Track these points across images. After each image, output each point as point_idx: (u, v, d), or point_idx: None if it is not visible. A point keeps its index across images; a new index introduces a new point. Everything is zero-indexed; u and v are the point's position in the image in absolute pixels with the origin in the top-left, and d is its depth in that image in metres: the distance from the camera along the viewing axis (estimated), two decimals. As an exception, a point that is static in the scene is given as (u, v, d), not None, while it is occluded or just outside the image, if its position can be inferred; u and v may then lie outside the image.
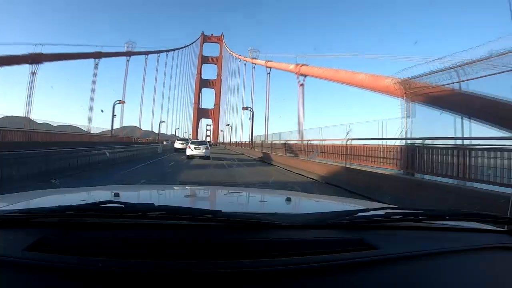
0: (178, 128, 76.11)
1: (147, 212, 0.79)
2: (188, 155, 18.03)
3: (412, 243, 0.87)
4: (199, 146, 18.53)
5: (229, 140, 57.80)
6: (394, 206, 1.21)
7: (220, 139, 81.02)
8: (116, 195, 1.26)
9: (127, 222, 0.81)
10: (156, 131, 56.00)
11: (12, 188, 2.58)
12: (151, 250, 0.72)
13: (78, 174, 9.55)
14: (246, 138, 41.12)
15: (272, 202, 1.56)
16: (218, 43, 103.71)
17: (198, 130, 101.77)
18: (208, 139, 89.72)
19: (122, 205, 0.82)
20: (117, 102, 35.89)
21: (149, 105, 66.86)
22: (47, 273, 0.63)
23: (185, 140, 30.11)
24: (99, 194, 1.49)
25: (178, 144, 29.07)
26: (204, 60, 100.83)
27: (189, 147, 18.67)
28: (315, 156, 12.80)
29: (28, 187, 3.18)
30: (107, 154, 12.92)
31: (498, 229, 1.03)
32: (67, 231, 0.79)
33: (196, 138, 61.14)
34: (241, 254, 0.72)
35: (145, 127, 60.93)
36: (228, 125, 52.29)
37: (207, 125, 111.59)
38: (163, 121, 55.56)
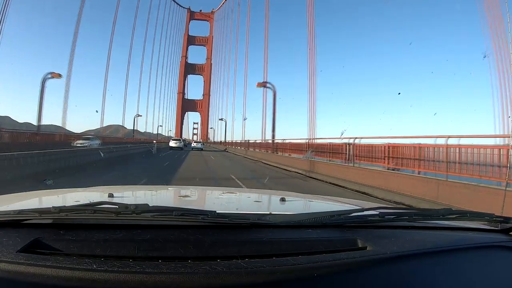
0: (161, 125, 72.63)
1: (141, 213, 0.83)
2: (192, 147, 37.90)
3: (406, 242, 0.90)
4: (198, 143, 40.37)
5: (225, 139, 51.33)
6: (388, 206, 1.52)
7: (214, 138, 63.20)
8: (110, 195, 1.31)
9: (122, 223, 0.86)
10: (141, 130, 58.87)
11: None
12: (145, 251, 0.76)
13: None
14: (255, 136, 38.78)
15: (266, 202, 1.67)
16: (207, 21, 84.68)
17: (184, 126, 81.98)
18: (195, 137, 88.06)
19: (117, 206, 0.86)
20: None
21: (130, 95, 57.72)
22: (41, 275, 0.66)
23: (178, 140, 38.48)
24: (93, 195, 1.61)
25: (172, 143, 36.30)
26: (191, 41, 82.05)
27: (193, 143, 41.43)
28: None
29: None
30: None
31: (492, 228, 1.10)
32: (61, 232, 0.82)
33: (181, 137, 66.42)
34: (236, 254, 0.76)
35: (124, 123, 57.39)
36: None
37: (194, 123, 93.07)
38: (161, 125, 62.51)
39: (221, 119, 44.88)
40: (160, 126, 63.87)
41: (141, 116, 51.28)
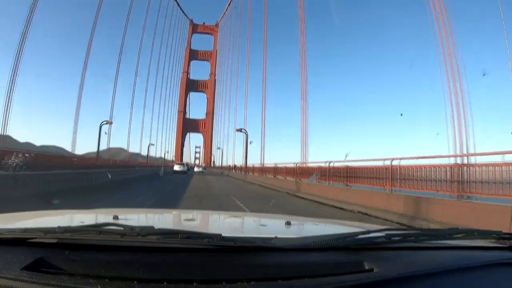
0: (153, 144, 60.94)
1: (147, 235, 0.86)
2: (195, 171, 43.57)
3: (413, 263, 0.93)
4: (199, 167, 48.09)
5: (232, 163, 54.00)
6: (394, 227, 1.52)
7: (222, 161, 57.06)
8: (116, 217, 1.33)
9: (127, 245, 0.88)
10: (143, 153, 56.06)
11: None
12: (150, 273, 0.79)
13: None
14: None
15: (271, 226, 1.69)
16: (211, 34, 78.26)
17: (185, 148, 73.98)
18: (197, 161, 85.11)
19: (122, 228, 0.89)
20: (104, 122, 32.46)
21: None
22: None
23: (182, 164, 41.19)
24: (99, 216, 1.69)
25: (176, 167, 38.50)
26: (193, 55, 75.26)
27: (196, 167, 50.22)
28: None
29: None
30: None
31: (500, 245, 1.12)
32: (65, 252, 0.85)
33: (181, 160, 65.79)
34: (241, 278, 0.78)
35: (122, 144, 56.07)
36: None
37: (196, 146, 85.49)
38: (152, 144, 56.06)
39: (240, 130, 35.42)
40: (152, 145, 58.91)
41: (117, 128, 47.90)
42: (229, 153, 53.72)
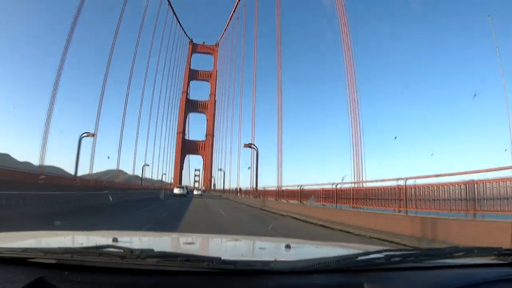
0: (148, 165, 62.76)
1: (146, 258, 0.87)
2: (194, 194, 45.33)
3: (413, 284, 0.94)
4: (199, 191, 50.63)
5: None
6: (394, 248, 1.52)
7: (219, 185, 56.07)
8: (115, 240, 1.35)
9: (126, 267, 0.89)
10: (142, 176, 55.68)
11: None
12: None
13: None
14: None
15: (271, 249, 1.72)
16: (211, 54, 77.61)
17: (184, 171, 72.06)
18: (196, 185, 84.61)
19: (122, 250, 0.90)
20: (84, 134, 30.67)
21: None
22: None
23: (181, 187, 42.81)
24: (98, 238, 1.71)
25: (176, 190, 39.70)
26: (193, 75, 74.24)
27: (195, 190, 52.27)
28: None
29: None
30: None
31: (500, 262, 1.13)
32: (65, 273, 0.86)
33: (180, 183, 67.40)
34: None
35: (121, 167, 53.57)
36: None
37: (196, 170, 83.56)
38: (147, 164, 55.65)
39: (250, 146, 32.24)
40: (147, 165, 57.67)
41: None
42: (233, 174, 52.29)
